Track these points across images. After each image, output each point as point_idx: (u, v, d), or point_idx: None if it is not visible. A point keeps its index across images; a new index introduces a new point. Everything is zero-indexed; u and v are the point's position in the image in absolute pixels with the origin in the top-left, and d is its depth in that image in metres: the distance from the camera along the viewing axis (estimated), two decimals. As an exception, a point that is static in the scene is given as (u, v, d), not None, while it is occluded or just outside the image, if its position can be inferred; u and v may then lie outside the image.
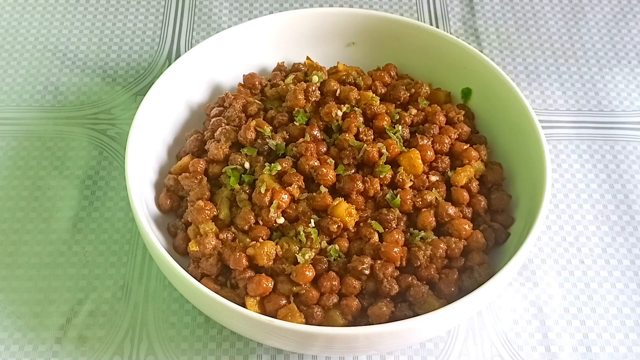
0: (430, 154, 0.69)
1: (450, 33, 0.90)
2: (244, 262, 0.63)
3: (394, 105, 0.74)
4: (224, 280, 0.65)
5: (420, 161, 0.68)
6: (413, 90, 0.75)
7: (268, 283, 0.62)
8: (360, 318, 0.62)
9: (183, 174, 0.70)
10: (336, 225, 0.64)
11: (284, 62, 0.80)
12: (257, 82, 0.76)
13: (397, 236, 0.64)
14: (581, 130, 0.84)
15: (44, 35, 0.91)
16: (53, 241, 0.73)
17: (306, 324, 0.61)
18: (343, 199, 0.66)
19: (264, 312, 0.62)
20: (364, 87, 0.76)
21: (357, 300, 0.62)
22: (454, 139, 0.72)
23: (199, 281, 0.60)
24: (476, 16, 0.95)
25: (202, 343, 0.67)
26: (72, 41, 0.91)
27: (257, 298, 0.62)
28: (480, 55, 0.74)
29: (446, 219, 0.66)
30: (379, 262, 0.63)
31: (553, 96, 0.87)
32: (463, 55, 0.76)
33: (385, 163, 0.68)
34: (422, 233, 0.65)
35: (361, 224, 0.65)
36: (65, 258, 0.72)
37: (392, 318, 0.61)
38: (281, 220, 0.65)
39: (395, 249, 0.63)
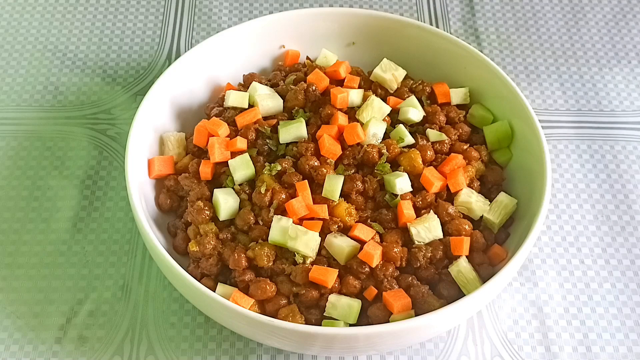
0: (430, 153, 0.69)
1: (450, 33, 0.90)
2: (244, 262, 0.63)
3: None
4: (224, 280, 0.65)
5: (420, 161, 0.68)
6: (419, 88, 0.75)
7: (272, 288, 0.62)
8: (361, 318, 0.62)
9: (183, 174, 0.70)
10: (336, 226, 0.64)
11: (284, 62, 0.80)
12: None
13: (397, 236, 0.64)
14: (581, 130, 0.84)
15: (44, 35, 0.91)
16: (53, 241, 0.73)
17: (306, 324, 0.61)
18: (343, 199, 0.66)
19: (264, 312, 0.62)
20: (365, 87, 0.76)
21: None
22: (454, 139, 0.72)
23: (199, 281, 0.60)
24: (476, 16, 0.95)
25: (202, 343, 0.67)
26: (72, 41, 0.91)
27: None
28: (480, 55, 0.74)
29: (446, 219, 0.66)
30: (379, 262, 0.63)
31: (553, 96, 0.87)
32: (463, 55, 0.76)
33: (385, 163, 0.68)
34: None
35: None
36: (65, 258, 0.72)
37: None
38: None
39: (396, 249, 0.63)
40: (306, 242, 0.62)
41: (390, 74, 0.76)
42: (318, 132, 0.69)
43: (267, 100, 0.72)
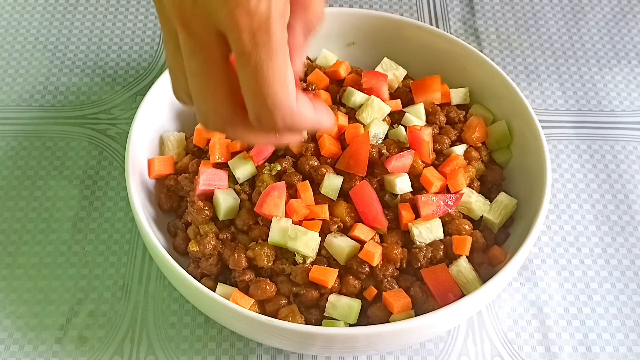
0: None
1: (450, 33, 0.90)
2: (244, 262, 0.63)
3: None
4: (224, 280, 0.65)
5: (420, 161, 0.68)
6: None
7: (272, 288, 0.62)
8: (361, 318, 0.62)
9: (183, 174, 0.70)
10: (336, 226, 0.64)
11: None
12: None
13: (397, 237, 0.64)
14: (581, 130, 0.84)
15: (44, 35, 0.91)
16: (53, 241, 0.73)
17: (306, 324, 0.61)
18: (343, 199, 0.66)
19: (264, 312, 0.62)
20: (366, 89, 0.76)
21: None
22: (454, 139, 0.72)
23: (199, 281, 0.60)
24: (476, 16, 0.95)
25: (202, 343, 0.67)
26: (72, 41, 0.91)
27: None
28: (480, 55, 0.74)
29: (446, 219, 0.66)
30: (379, 262, 0.63)
31: (553, 96, 0.87)
32: (463, 55, 0.76)
33: (385, 163, 0.68)
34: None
35: (361, 224, 0.65)
36: (65, 258, 0.72)
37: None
38: (281, 220, 0.65)
39: (396, 251, 0.63)
40: (306, 242, 0.62)
41: (391, 73, 0.76)
42: (318, 132, 0.69)
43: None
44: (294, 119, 0.46)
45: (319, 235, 0.63)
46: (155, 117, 0.72)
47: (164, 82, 0.72)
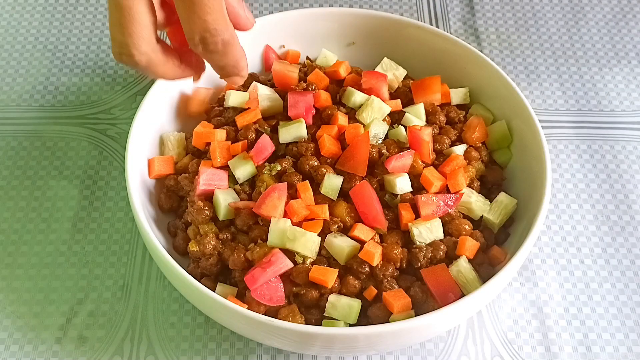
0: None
1: (450, 33, 0.90)
2: (244, 262, 0.63)
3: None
4: (224, 280, 0.65)
5: (420, 161, 0.68)
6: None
7: None
8: (361, 318, 0.62)
9: (183, 174, 0.70)
10: (336, 226, 0.64)
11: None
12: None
13: (397, 237, 0.64)
14: (581, 130, 0.84)
15: (44, 35, 0.91)
16: (53, 241, 0.73)
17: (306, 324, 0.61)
18: (343, 198, 0.66)
19: (264, 312, 0.62)
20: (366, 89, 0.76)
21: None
22: (454, 139, 0.72)
23: (199, 281, 0.60)
24: (476, 16, 0.95)
25: (202, 343, 0.67)
26: (72, 41, 0.91)
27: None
28: (480, 55, 0.74)
29: (446, 219, 0.66)
30: (379, 262, 0.63)
31: (553, 96, 0.87)
32: (463, 55, 0.76)
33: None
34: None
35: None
36: (65, 258, 0.72)
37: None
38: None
39: (396, 251, 0.63)
40: (304, 244, 0.62)
41: (391, 73, 0.76)
42: (318, 132, 0.69)
43: (267, 101, 0.72)
44: (231, 43, 0.53)
45: (319, 236, 0.63)
46: (155, 117, 0.72)
47: (164, 82, 0.72)
